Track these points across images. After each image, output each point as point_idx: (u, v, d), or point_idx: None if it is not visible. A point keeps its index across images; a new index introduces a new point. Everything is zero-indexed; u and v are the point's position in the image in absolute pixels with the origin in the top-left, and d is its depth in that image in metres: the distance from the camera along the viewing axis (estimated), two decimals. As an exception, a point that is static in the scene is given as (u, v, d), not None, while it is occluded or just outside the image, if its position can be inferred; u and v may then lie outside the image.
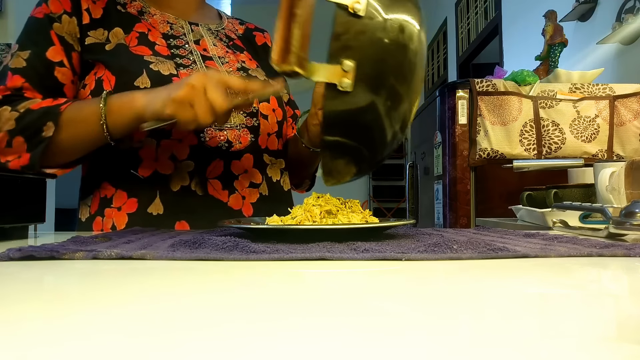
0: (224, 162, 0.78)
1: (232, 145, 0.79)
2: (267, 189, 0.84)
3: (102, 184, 0.78)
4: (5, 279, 0.33)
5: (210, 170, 0.77)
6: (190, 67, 0.79)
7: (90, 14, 0.78)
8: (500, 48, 3.30)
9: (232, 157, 0.79)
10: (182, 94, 0.60)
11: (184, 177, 0.76)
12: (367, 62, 0.50)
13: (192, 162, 0.76)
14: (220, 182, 0.78)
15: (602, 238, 0.57)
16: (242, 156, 0.80)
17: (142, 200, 0.76)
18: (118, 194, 0.77)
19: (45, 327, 0.21)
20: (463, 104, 1.67)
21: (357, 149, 0.55)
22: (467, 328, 0.21)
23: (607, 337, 0.20)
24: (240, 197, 0.80)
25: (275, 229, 0.52)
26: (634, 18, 1.77)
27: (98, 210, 0.79)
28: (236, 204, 0.79)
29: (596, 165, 0.94)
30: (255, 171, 0.82)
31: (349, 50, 0.49)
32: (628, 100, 1.63)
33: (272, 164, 0.86)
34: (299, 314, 0.23)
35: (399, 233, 0.62)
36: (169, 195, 0.76)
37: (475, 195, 1.68)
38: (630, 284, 0.34)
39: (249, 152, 0.81)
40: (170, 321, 0.22)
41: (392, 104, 0.53)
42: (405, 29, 0.52)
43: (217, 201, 0.78)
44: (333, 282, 0.32)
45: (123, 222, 0.76)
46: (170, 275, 0.34)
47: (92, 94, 0.76)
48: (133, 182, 0.76)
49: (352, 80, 0.49)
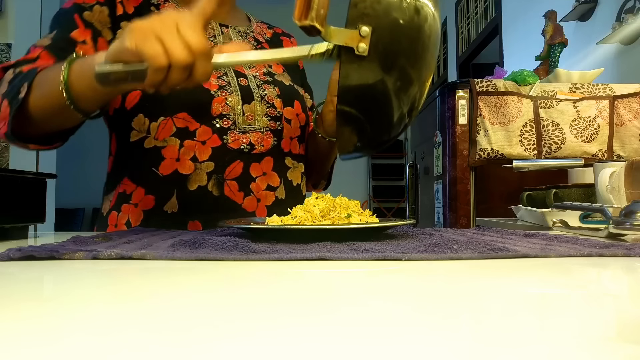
0: (243, 164, 0.79)
1: (254, 147, 0.79)
2: (285, 192, 0.84)
3: (124, 180, 0.79)
4: (5, 279, 0.33)
5: (229, 171, 0.78)
6: (219, 69, 0.80)
7: (124, 7, 0.79)
8: (500, 48, 3.30)
9: (253, 159, 0.80)
10: (146, 24, 0.50)
11: (203, 177, 0.77)
12: (383, 30, 0.52)
13: (212, 162, 0.77)
14: (237, 183, 0.78)
15: (602, 238, 0.57)
16: (262, 159, 0.81)
17: (158, 197, 0.77)
18: (137, 190, 0.78)
19: (45, 327, 0.21)
20: (463, 104, 1.67)
21: (361, 121, 0.55)
22: (467, 328, 0.21)
23: (607, 337, 0.20)
24: (255, 200, 0.80)
25: (275, 229, 0.52)
26: (634, 18, 1.77)
27: (115, 205, 0.79)
28: (250, 206, 0.79)
29: (596, 165, 0.94)
30: (273, 174, 0.82)
31: (366, 17, 0.51)
32: (628, 100, 1.63)
33: (293, 167, 0.86)
34: (299, 313, 0.23)
35: (399, 233, 0.62)
36: (186, 194, 0.76)
37: (475, 195, 1.68)
38: (630, 284, 0.34)
39: (270, 154, 0.82)
40: (171, 321, 0.22)
41: (402, 84, 0.54)
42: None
43: (232, 202, 0.78)
44: (333, 282, 0.32)
45: (138, 219, 0.77)
46: (170, 275, 0.34)
47: None
48: (152, 180, 0.77)
49: (368, 45, 0.51)
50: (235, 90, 0.79)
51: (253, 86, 0.82)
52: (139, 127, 0.77)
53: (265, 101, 0.82)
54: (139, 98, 0.76)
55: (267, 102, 0.82)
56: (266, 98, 0.82)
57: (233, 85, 0.80)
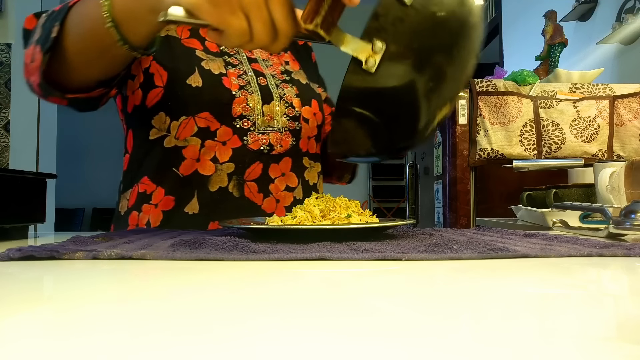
0: (262, 165, 0.78)
1: (273, 148, 0.79)
2: (302, 192, 0.84)
3: (143, 179, 0.78)
4: (5, 279, 0.33)
5: (249, 172, 0.78)
6: (238, 67, 0.80)
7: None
8: (500, 48, 3.30)
9: (272, 160, 0.79)
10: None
11: (223, 178, 0.76)
12: (396, 50, 0.49)
13: (232, 164, 0.76)
14: (256, 184, 0.78)
15: (602, 238, 0.57)
16: (281, 159, 0.80)
17: (179, 198, 0.76)
18: (157, 190, 0.77)
19: (45, 327, 0.21)
20: (463, 104, 1.67)
21: (371, 121, 0.51)
22: (467, 328, 0.21)
23: (607, 337, 0.20)
24: (274, 201, 0.80)
25: (275, 229, 0.52)
26: (634, 18, 1.77)
27: (135, 205, 0.79)
28: (270, 207, 0.79)
29: (596, 165, 0.94)
30: (292, 174, 0.82)
31: (384, 33, 0.48)
32: (628, 100, 1.63)
33: (310, 167, 0.86)
34: (299, 313, 0.23)
35: (399, 233, 0.62)
36: (207, 195, 0.76)
37: (475, 195, 1.68)
38: (630, 284, 0.34)
39: (289, 155, 0.81)
40: (170, 321, 0.22)
41: (403, 110, 0.50)
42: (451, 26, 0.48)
43: (252, 204, 0.78)
44: (333, 282, 0.32)
45: (158, 219, 0.76)
46: (170, 275, 0.34)
47: (142, 87, 0.75)
48: (172, 180, 0.76)
49: (376, 62, 0.49)
50: (255, 90, 0.79)
51: (272, 86, 0.82)
52: (159, 125, 0.76)
53: (284, 101, 0.82)
54: (160, 96, 0.75)
55: (285, 102, 0.82)
56: (285, 98, 0.82)
57: (253, 85, 0.79)
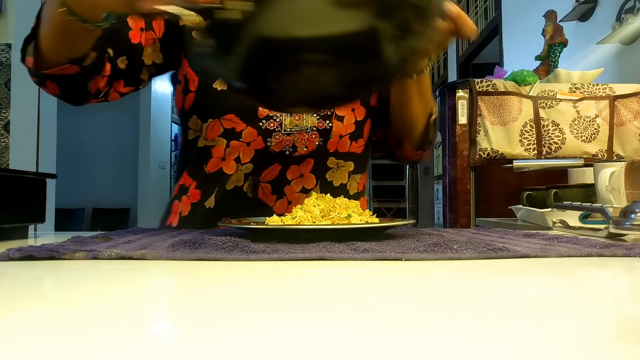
0: (281, 167, 0.78)
1: (297, 149, 0.78)
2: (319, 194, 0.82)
3: (184, 173, 0.84)
4: (5, 279, 0.33)
5: (266, 174, 0.78)
6: None
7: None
8: (500, 48, 3.30)
9: (292, 162, 0.78)
10: None
11: (240, 177, 0.78)
12: None
13: (252, 164, 0.78)
14: (271, 186, 0.78)
15: (602, 238, 0.57)
16: (303, 161, 0.79)
17: (204, 193, 0.80)
18: (192, 184, 0.82)
19: (45, 327, 0.21)
20: (463, 104, 1.67)
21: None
22: (467, 328, 0.21)
23: (607, 337, 0.20)
24: (286, 202, 0.79)
25: (275, 229, 0.52)
26: (634, 18, 1.77)
27: (177, 195, 0.85)
28: (281, 209, 0.79)
29: (596, 165, 0.94)
30: (310, 176, 0.80)
31: None
32: (628, 100, 1.63)
33: (337, 168, 0.82)
34: (299, 313, 0.23)
35: (399, 233, 0.62)
36: (223, 192, 0.78)
37: (475, 195, 1.68)
38: (630, 284, 0.34)
39: (312, 156, 0.79)
40: (170, 321, 0.22)
41: None
42: None
43: (264, 205, 0.78)
44: (333, 282, 0.32)
45: (187, 210, 0.81)
46: (170, 276, 0.34)
47: (183, 92, 0.80)
48: (202, 177, 0.81)
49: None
50: None
51: None
52: (194, 126, 0.80)
53: None
54: (193, 100, 0.79)
55: None
56: None
57: None
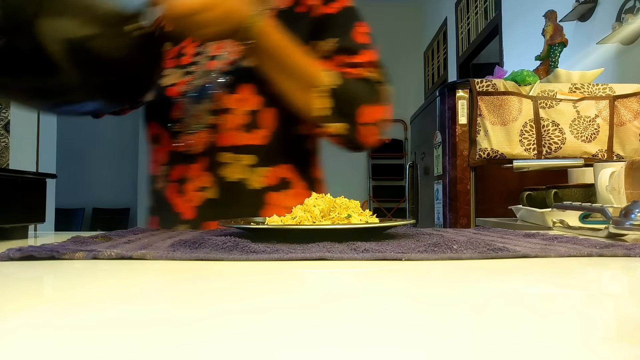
0: (185, 166, 0.80)
1: (191, 149, 0.79)
2: (218, 191, 0.77)
3: None
4: (5, 279, 0.33)
5: (173, 174, 0.81)
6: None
7: None
8: (500, 48, 3.30)
9: (190, 161, 0.79)
10: None
11: (162, 178, 0.83)
12: None
13: (166, 166, 0.82)
14: (177, 185, 0.80)
15: (602, 238, 0.57)
16: (197, 159, 0.78)
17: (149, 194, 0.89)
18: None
19: (45, 327, 0.21)
20: (463, 104, 1.67)
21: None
22: (467, 328, 0.21)
23: (607, 337, 0.20)
24: (188, 201, 0.79)
25: (275, 229, 0.52)
26: (634, 18, 1.77)
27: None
28: (183, 208, 0.79)
29: (596, 165, 0.94)
30: (205, 174, 0.78)
31: None
32: (628, 100, 1.63)
33: (234, 162, 0.77)
34: (299, 313, 0.23)
35: (399, 233, 0.62)
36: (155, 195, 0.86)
37: (475, 195, 1.68)
38: (630, 284, 0.34)
39: (204, 154, 0.78)
40: (170, 321, 0.22)
41: None
42: None
43: (171, 205, 0.81)
44: (333, 282, 0.32)
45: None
46: (170, 275, 0.34)
47: None
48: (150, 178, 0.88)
49: None
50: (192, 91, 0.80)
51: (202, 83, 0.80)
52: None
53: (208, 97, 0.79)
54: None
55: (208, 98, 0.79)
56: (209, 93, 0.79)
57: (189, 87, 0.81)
